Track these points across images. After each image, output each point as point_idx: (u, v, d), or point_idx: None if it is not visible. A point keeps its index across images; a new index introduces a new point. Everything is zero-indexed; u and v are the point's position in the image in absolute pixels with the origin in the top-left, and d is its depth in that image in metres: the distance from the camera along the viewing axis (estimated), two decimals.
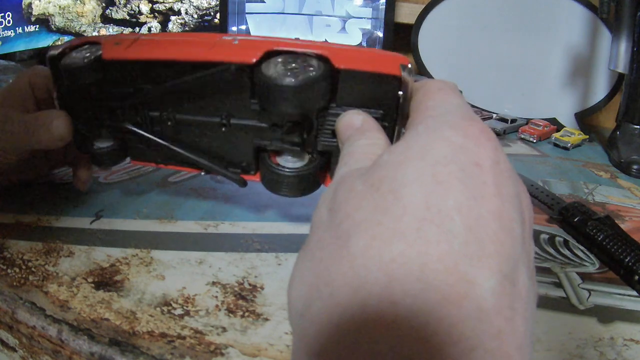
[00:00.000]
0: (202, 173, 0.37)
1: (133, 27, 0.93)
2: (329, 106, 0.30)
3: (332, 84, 0.29)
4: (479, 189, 0.15)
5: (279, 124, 0.32)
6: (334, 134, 0.31)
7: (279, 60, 0.29)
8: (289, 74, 0.28)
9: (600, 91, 0.78)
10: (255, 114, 0.33)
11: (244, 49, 0.31)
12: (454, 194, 0.15)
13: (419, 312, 0.13)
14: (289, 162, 0.34)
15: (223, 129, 0.34)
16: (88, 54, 0.35)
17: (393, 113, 0.29)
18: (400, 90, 0.27)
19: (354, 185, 0.17)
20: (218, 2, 0.91)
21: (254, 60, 0.29)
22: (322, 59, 0.29)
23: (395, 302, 0.13)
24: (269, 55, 0.30)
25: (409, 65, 0.27)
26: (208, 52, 0.31)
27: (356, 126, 0.23)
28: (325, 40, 0.90)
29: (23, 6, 0.79)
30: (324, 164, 0.34)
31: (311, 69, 0.28)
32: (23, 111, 0.40)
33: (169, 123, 0.35)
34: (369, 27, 0.90)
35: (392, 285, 0.14)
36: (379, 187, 0.16)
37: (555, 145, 0.71)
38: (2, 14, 0.76)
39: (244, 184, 0.36)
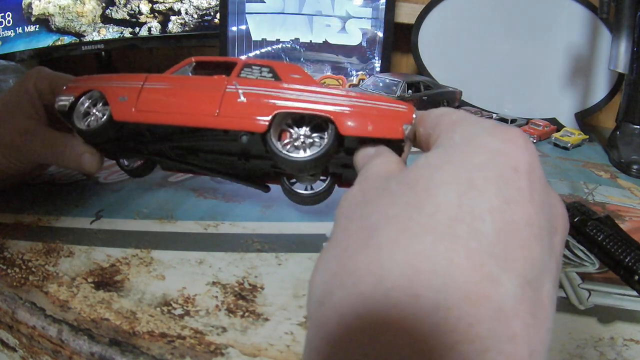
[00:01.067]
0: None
1: (133, 27, 0.93)
2: (338, 152, 0.32)
3: (339, 143, 0.30)
4: (513, 194, 0.15)
5: None
6: (344, 166, 0.34)
7: (287, 135, 0.31)
8: (298, 147, 0.30)
9: (600, 91, 0.78)
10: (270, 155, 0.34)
11: (252, 111, 0.31)
12: (487, 197, 0.15)
13: (440, 307, 0.13)
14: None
15: (241, 160, 0.37)
16: (98, 113, 0.36)
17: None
18: (403, 150, 0.29)
19: (388, 184, 0.18)
20: (218, 2, 0.91)
21: (264, 128, 0.30)
22: (328, 120, 0.30)
23: (417, 295, 0.14)
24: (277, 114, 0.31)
25: (413, 121, 0.27)
26: (216, 119, 0.32)
27: (371, 153, 0.25)
28: (326, 41, 0.90)
29: (23, 6, 0.79)
30: (335, 181, 0.37)
31: (319, 140, 0.30)
32: (38, 121, 0.41)
33: (190, 157, 0.38)
34: (369, 27, 0.90)
35: (416, 277, 0.14)
36: (414, 185, 0.16)
37: (555, 145, 0.71)
38: (2, 14, 0.76)
39: (267, 189, 0.39)
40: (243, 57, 0.34)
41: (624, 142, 0.66)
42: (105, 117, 0.35)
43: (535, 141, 0.72)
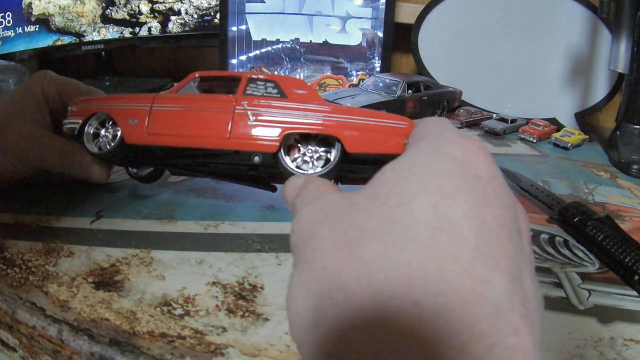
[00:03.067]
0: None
1: (133, 27, 0.93)
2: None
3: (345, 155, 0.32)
4: (482, 199, 0.16)
5: None
6: (347, 171, 0.35)
7: (297, 155, 0.32)
8: (307, 161, 0.32)
9: (600, 91, 0.78)
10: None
11: (262, 133, 0.33)
12: (460, 204, 0.16)
13: (441, 311, 0.14)
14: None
15: (249, 171, 0.38)
16: (108, 134, 0.37)
17: None
18: None
19: (353, 200, 0.18)
20: (218, 2, 0.91)
21: (275, 149, 0.32)
22: (335, 139, 0.31)
23: (417, 302, 0.14)
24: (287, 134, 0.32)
25: None
26: (227, 141, 0.33)
27: (300, 183, 0.24)
28: (326, 41, 0.90)
29: (23, 6, 0.79)
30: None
31: (325, 154, 0.32)
32: (43, 126, 0.41)
33: (201, 167, 0.39)
34: (369, 27, 0.90)
35: (412, 286, 0.14)
36: (386, 201, 0.16)
37: (555, 145, 0.71)
38: (2, 14, 0.76)
39: (274, 189, 0.40)
40: (247, 71, 0.35)
41: (624, 142, 0.66)
42: (116, 140, 0.36)
43: (535, 141, 0.72)
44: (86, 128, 0.37)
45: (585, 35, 0.78)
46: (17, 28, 0.79)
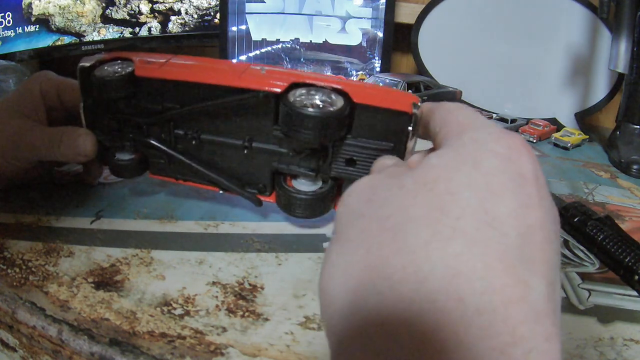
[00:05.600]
0: (220, 192, 0.40)
1: (133, 27, 0.93)
2: (345, 137, 0.33)
3: (350, 117, 0.32)
4: (525, 199, 0.16)
5: (298, 150, 0.35)
6: (347, 162, 0.35)
7: (304, 91, 0.32)
8: (313, 105, 0.31)
9: (600, 91, 0.78)
10: (276, 139, 0.36)
11: (272, 78, 0.33)
12: (506, 202, 0.15)
13: (484, 310, 0.13)
14: (303, 186, 0.38)
15: (245, 151, 0.37)
16: (120, 69, 0.36)
17: (402, 146, 0.32)
18: (410, 126, 0.30)
19: (403, 182, 0.17)
20: (218, 2, 0.91)
21: (281, 89, 0.32)
22: (341, 93, 0.31)
23: (461, 298, 0.14)
24: (294, 86, 0.32)
25: (419, 104, 0.29)
26: (238, 78, 0.33)
27: (388, 164, 0.25)
28: (326, 41, 0.90)
29: (23, 6, 0.79)
30: (335, 188, 0.37)
31: (332, 101, 0.31)
32: (36, 120, 0.41)
33: (193, 142, 0.37)
34: (369, 27, 0.90)
35: (457, 280, 0.14)
36: (433, 187, 0.16)
37: (555, 145, 0.71)
38: (2, 14, 0.76)
39: (259, 203, 0.39)
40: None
41: (624, 142, 0.66)
42: (125, 72, 0.35)
43: (535, 141, 0.72)
44: (99, 66, 0.37)
45: (585, 35, 0.78)
46: (17, 28, 0.79)
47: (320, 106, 0.31)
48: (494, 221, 0.15)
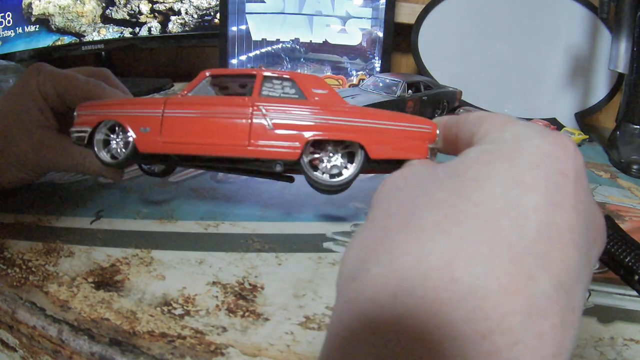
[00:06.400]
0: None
1: (133, 27, 0.93)
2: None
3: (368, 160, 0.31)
4: (559, 197, 0.15)
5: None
6: None
7: (318, 155, 0.32)
8: (330, 171, 0.31)
9: (600, 91, 0.78)
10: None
11: (282, 138, 0.32)
12: (534, 196, 0.15)
13: (476, 294, 0.13)
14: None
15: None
16: (120, 143, 0.36)
17: None
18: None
19: (435, 171, 0.18)
20: (218, 2, 0.91)
21: (297, 158, 0.32)
22: (358, 145, 0.31)
23: (455, 279, 0.14)
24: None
25: (437, 139, 0.28)
26: (247, 151, 0.33)
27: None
28: (326, 41, 0.90)
29: (23, 6, 0.79)
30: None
31: (349, 163, 0.31)
32: (48, 128, 0.40)
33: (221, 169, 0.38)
34: (369, 27, 0.90)
35: (456, 262, 0.14)
36: (461, 175, 0.16)
37: None
38: (2, 14, 0.76)
39: (292, 179, 0.39)
40: (258, 69, 0.34)
41: (624, 142, 0.66)
42: (129, 148, 0.35)
43: None
44: (95, 136, 0.36)
45: (585, 35, 0.78)
46: (17, 28, 0.79)
47: (338, 172, 0.31)
48: (515, 212, 0.15)
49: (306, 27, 0.91)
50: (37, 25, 0.82)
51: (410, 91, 0.75)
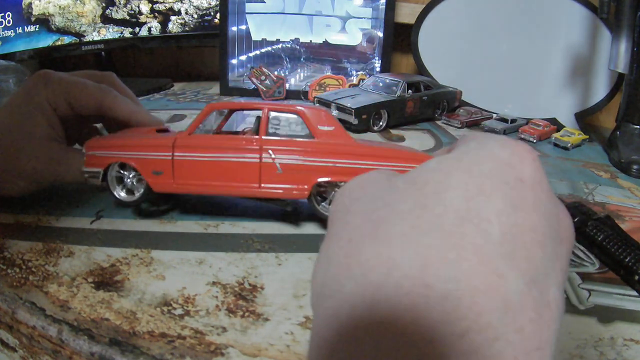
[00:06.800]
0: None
1: (133, 27, 0.93)
2: None
3: None
4: (519, 201, 0.16)
5: None
6: None
7: (327, 189, 0.34)
8: None
9: (600, 91, 0.78)
10: None
11: (292, 182, 0.35)
12: (494, 202, 0.16)
13: (450, 296, 0.14)
14: None
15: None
16: (134, 180, 0.38)
17: None
18: None
19: (393, 182, 0.18)
20: (218, 2, 0.91)
21: (306, 197, 0.35)
22: None
23: (428, 284, 0.14)
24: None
25: None
26: (258, 191, 0.35)
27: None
28: (326, 41, 0.90)
29: (23, 6, 0.79)
30: None
31: None
32: (54, 140, 0.40)
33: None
34: (369, 27, 0.90)
35: (427, 268, 0.14)
36: (422, 187, 0.17)
37: (555, 145, 0.71)
38: (2, 14, 0.76)
39: (291, 207, 0.40)
40: (264, 104, 0.34)
41: (624, 142, 0.66)
42: (143, 188, 0.37)
43: (535, 141, 0.72)
44: (108, 175, 0.38)
45: (585, 35, 0.78)
46: (17, 28, 0.79)
47: None
48: (477, 218, 0.15)
49: (306, 27, 0.91)
50: (37, 25, 0.82)
51: (410, 91, 0.75)
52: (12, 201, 0.42)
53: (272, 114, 0.35)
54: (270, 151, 0.34)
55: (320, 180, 0.34)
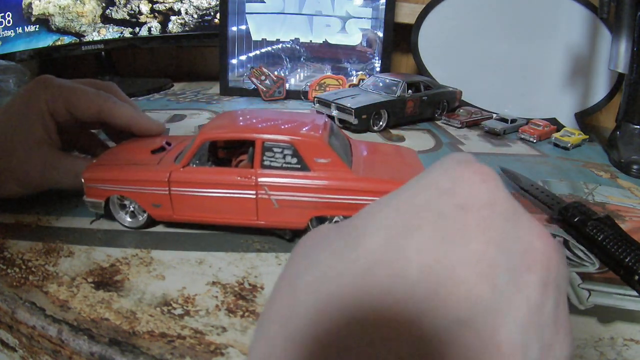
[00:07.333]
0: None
1: (133, 27, 0.93)
2: None
3: None
4: (454, 232, 0.15)
5: None
6: None
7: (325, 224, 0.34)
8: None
9: (600, 91, 0.78)
10: None
11: (289, 217, 0.36)
12: (417, 238, 0.15)
13: (345, 353, 0.13)
14: None
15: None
16: (136, 207, 0.39)
17: None
18: None
19: (328, 233, 0.18)
20: (218, 2, 0.91)
21: (304, 228, 0.36)
22: None
23: (319, 338, 0.14)
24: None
25: None
26: (256, 222, 0.37)
27: None
28: (326, 41, 0.90)
29: (23, 6, 0.79)
30: None
31: None
32: (49, 145, 0.39)
33: None
34: (369, 27, 0.90)
35: (321, 317, 0.14)
36: (346, 235, 0.16)
37: (555, 145, 0.71)
38: (2, 14, 0.76)
39: (290, 236, 0.40)
40: (257, 134, 0.34)
41: (624, 142, 0.66)
42: (145, 216, 0.39)
43: (535, 141, 0.72)
44: (110, 203, 0.39)
45: (585, 35, 0.78)
46: (17, 28, 0.79)
47: None
48: (394, 258, 0.14)
49: (306, 27, 0.91)
50: (37, 25, 0.82)
51: (410, 91, 0.75)
52: (12, 201, 0.42)
53: (266, 141, 0.35)
54: (265, 188, 0.35)
55: (316, 216, 0.35)
